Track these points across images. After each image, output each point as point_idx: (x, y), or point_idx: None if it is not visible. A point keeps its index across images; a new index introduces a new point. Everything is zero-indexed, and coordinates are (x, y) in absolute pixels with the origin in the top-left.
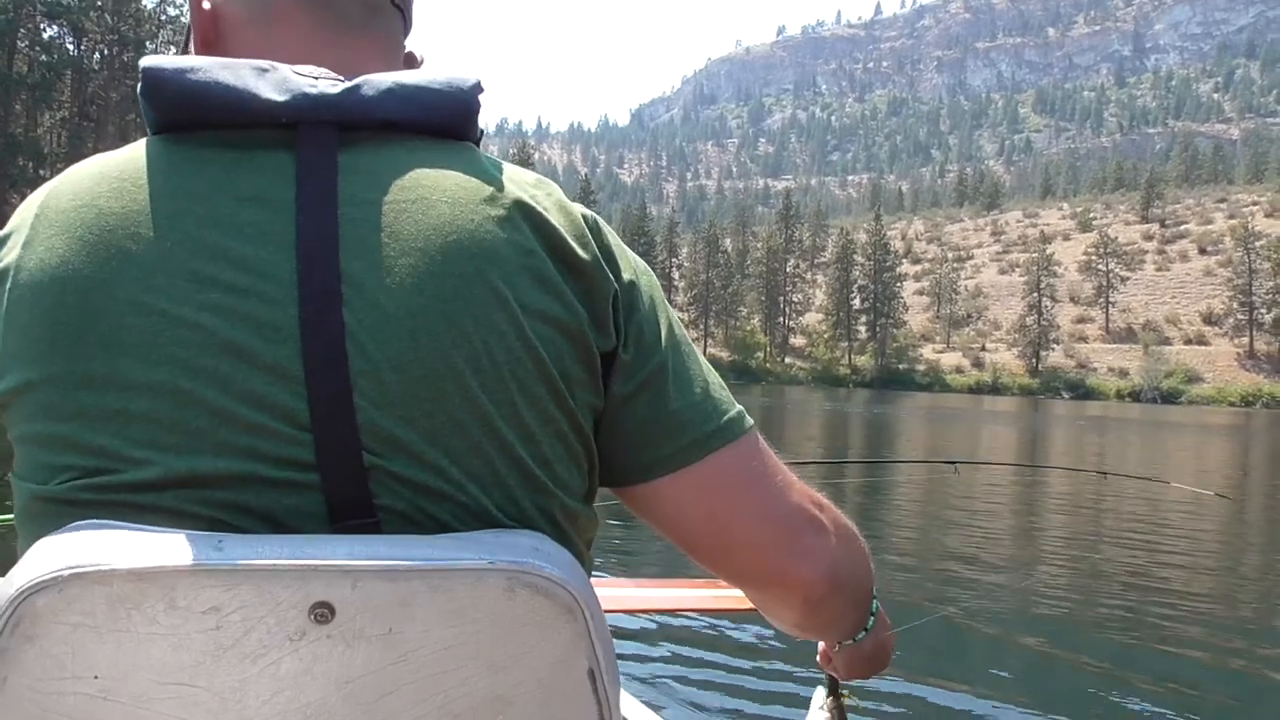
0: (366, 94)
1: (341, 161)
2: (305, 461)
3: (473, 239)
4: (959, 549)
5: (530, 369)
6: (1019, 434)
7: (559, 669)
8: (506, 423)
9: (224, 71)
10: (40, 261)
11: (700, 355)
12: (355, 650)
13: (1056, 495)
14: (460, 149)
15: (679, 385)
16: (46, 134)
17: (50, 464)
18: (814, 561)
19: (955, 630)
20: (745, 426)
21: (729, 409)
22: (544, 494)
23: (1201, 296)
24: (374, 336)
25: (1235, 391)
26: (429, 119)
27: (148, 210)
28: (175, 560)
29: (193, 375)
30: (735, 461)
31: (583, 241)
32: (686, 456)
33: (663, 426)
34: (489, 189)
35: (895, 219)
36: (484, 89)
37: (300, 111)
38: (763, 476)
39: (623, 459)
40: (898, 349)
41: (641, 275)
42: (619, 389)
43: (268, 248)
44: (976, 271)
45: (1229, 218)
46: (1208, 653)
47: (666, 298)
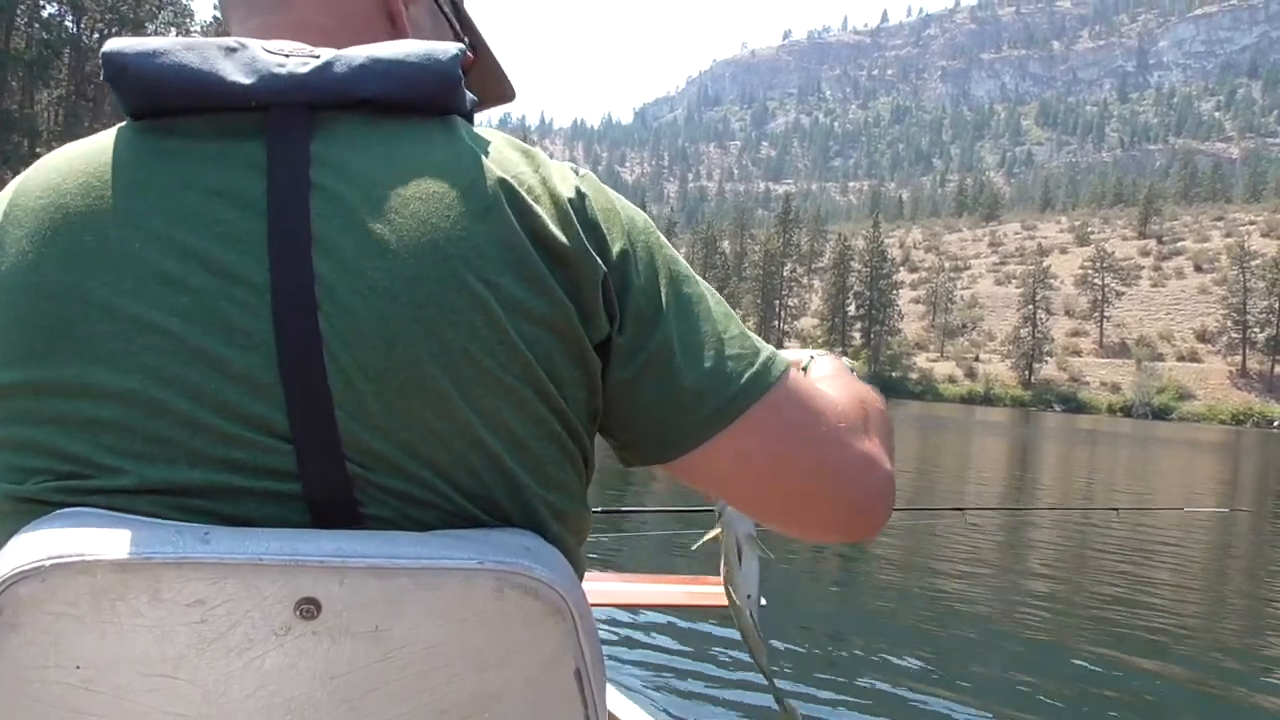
0: (339, 71)
1: (313, 151)
2: (285, 470)
3: (449, 237)
4: (971, 597)
5: (516, 373)
6: (1010, 447)
7: (546, 668)
8: (492, 431)
9: (189, 54)
10: (12, 265)
11: (714, 304)
12: (341, 646)
13: (1066, 527)
14: (442, 127)
15: (689, 354)
16: (44, 111)
17: (25, 466)
18: (880, 506)
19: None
20: (773, 377)
21: (751, 362)
22: (534, 498)
23: (1196, 314)
24: (347, 345)
25: (1226, 409)
26: (407, 95)
27: (116, 208)
28: (160, 552)
29: (164, 384)
30: (770, 417)
31: (567, 224)
32: (711, 427)
33: (679, 402)
34: (469, 175)
35: (894, 227)
36: (470, 57)
37: (269, 94)
38: (805, 425)
39: (646, 440)
40: (891, 356)
41: (637, 237)
42: (621, 374)
43: (237, 248)
44: (973, 282)
45: (1226, 236)
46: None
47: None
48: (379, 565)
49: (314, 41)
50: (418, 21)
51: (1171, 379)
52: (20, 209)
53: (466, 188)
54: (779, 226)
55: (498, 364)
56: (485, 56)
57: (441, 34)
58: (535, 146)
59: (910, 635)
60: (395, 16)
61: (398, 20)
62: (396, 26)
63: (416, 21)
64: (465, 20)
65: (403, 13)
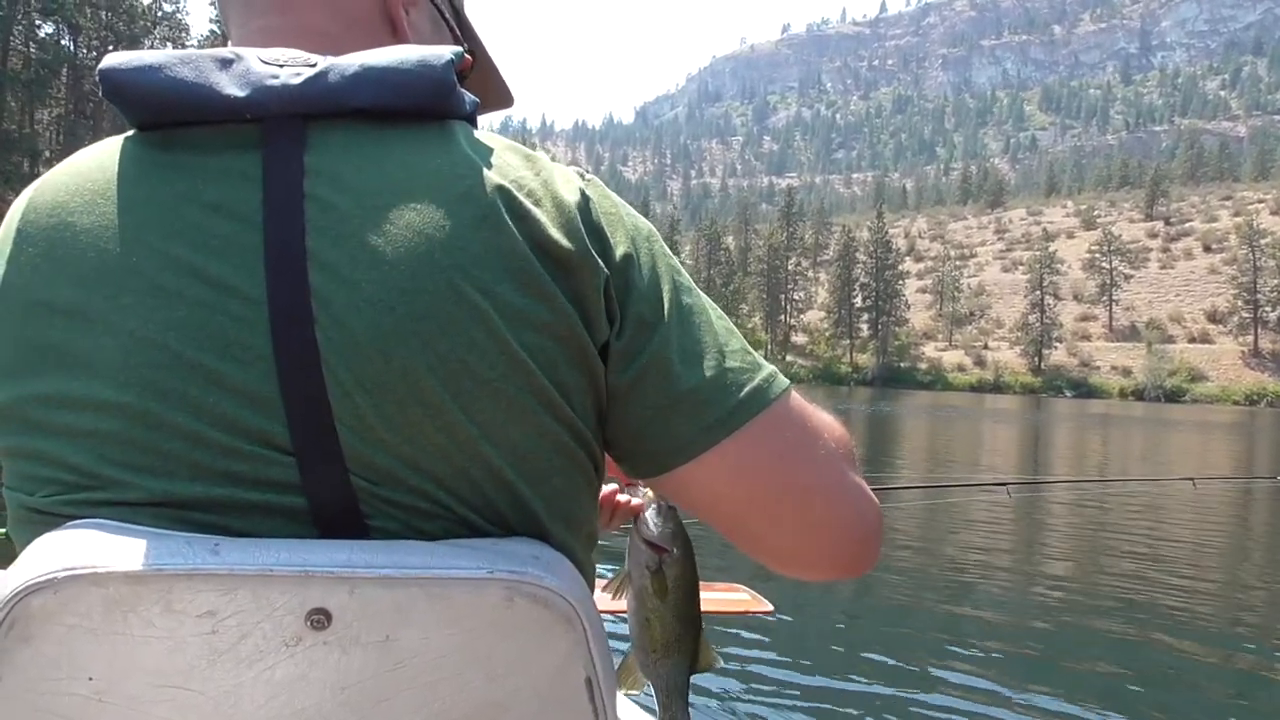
0: (332, 81)
1: (308, 163)
2: (288, 483)
3: (444, 247)
4: (1043, 569)
5: (518, 383)
6: (1020, 433)
7: (556, 678)
8: (494, 445)
9: (183, 67)
10: (25, 282)
11: (715, 317)
12: (352, 656)
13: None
14: (439, 133)
15: (688, 361)
16: (45, 130)
17: (35, 476)
18: (875, 537)
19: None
20: (775, 393)
21: (753, 375)
22: (539, 509)
23: (1206, 294)
24: (343, 358)
25: (1239, 390)
26: (401, 102)
27: (117, 224)
28: (172, 563)
29: (162, 397)
30: (772, 432)
31: (571, 228)
32: (710, 438)
33: (677, 410)
34: (465, 183)
35: (899, 216)
36: (467, 61)
37: (263, 106)
38: (805, 446)
39: (642, 450)
40: (899, 347)
41: (641, 243)
42: (618, 379)
43: (233, 261)
44: (980, 269)
45: (1234, 215)
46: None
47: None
48: (389, 575)
49: (314, 47)
50: (418, 26)
51: (1183, 361)
52: (32, 226)
53: (462, 195)
54: (782, 220)
55: (498, 375)
56: (484, 62)
57: (442, 39)
58: (537, 150)
59: (1007, 617)
60: (396, 21)
61: (398, 25)
62: (397, 31)
63: (417, 26)
64: (465, 25)
65: (403, 17)
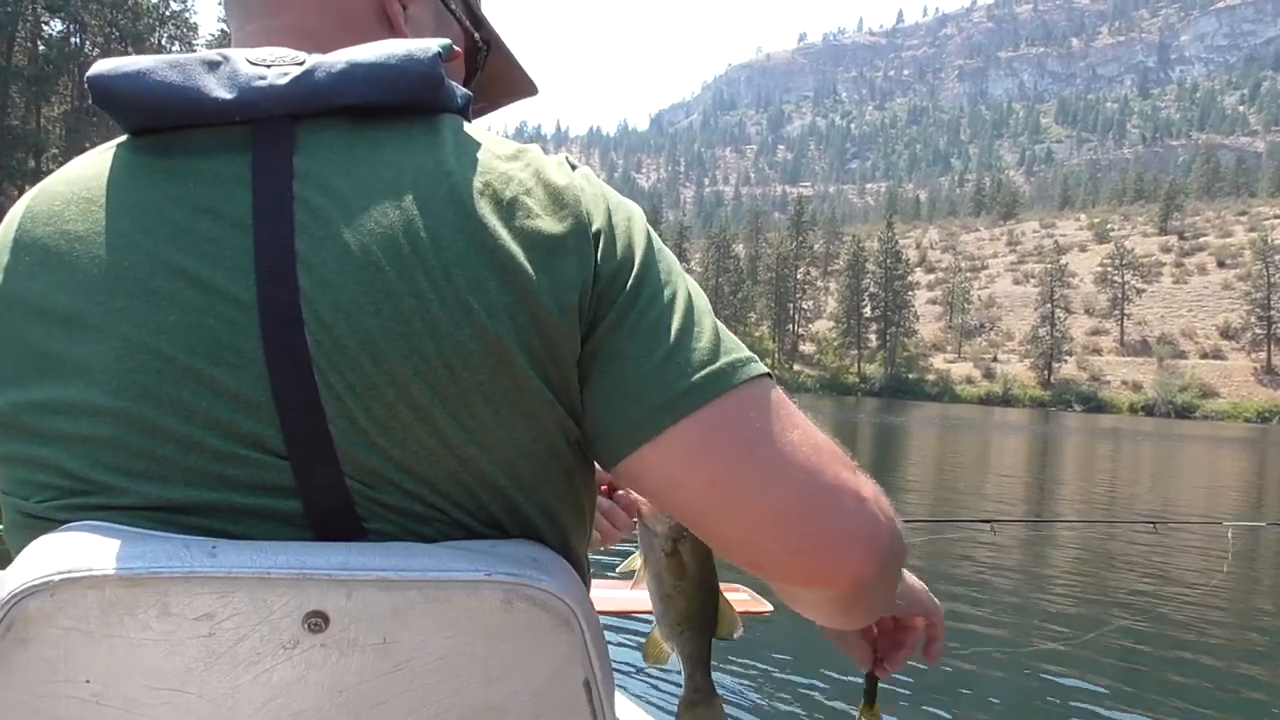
0: (319, 79)
1: (296, 164)
2: (283, 487)
3: (430, 247)
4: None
5: (507, 384)
6: (1030, 443)
7: (554, 680)
8: (485, 449)
9: (171, 72)
10: (23, 290)
11: (695, 302)
12: (349, 659)
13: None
14: (426, 129)
15: (647, 342)
16: (49, 126)
17: (30, 481)
18: (859, 544)
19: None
20: (740, 378)
21: (716, 358)
22: (532, 511)
23: (1219, 310)
24: (333, 362)
25: (1252, 407)
26: (387, 99)
27: (110, 229)
28: (168, 566)
29: (155, 402)
30: (733, 418)
31: (562, 214)
32: (665, 417)
33: (631, 391)
34: (450, 180)
35: (911, 227)
36: (454, 54)
37: (252, 108)
38: (771, 436)
39: (600, 433)
40: (908, 358)
41: (620, 224)
42: (586, 365)
43: (224, 265)
44: (991, 281)
45: (1249, 230)
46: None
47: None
48: (387, 578)
49: (309, 46)
50: (419, 20)
51: (1194, 377)
52: (29, 234)
53: (447, 193)
54: (792, 229)
55: (487, 377)
56: (501, 51)
57: (446, 31)
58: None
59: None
60: (392, 18)
61: (394, 21)
62: (394, 28)
63: (418, 20)
64: (477, 15)
65: (400, 13)
